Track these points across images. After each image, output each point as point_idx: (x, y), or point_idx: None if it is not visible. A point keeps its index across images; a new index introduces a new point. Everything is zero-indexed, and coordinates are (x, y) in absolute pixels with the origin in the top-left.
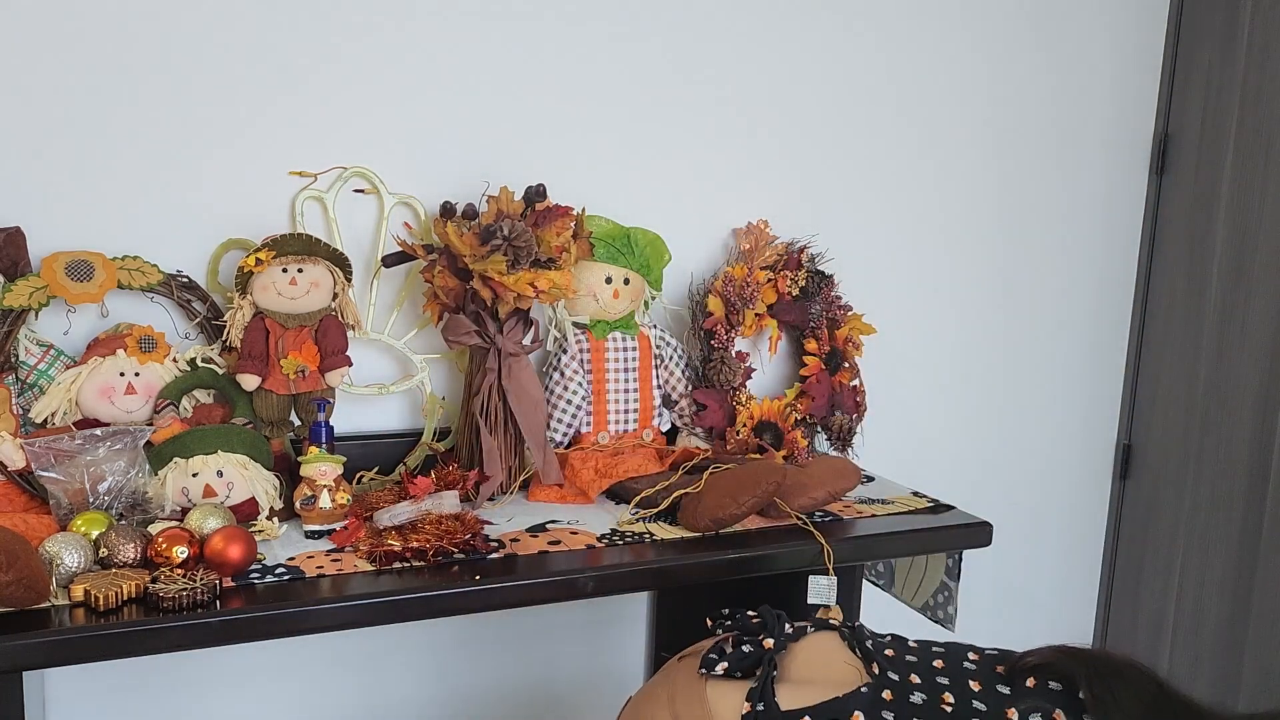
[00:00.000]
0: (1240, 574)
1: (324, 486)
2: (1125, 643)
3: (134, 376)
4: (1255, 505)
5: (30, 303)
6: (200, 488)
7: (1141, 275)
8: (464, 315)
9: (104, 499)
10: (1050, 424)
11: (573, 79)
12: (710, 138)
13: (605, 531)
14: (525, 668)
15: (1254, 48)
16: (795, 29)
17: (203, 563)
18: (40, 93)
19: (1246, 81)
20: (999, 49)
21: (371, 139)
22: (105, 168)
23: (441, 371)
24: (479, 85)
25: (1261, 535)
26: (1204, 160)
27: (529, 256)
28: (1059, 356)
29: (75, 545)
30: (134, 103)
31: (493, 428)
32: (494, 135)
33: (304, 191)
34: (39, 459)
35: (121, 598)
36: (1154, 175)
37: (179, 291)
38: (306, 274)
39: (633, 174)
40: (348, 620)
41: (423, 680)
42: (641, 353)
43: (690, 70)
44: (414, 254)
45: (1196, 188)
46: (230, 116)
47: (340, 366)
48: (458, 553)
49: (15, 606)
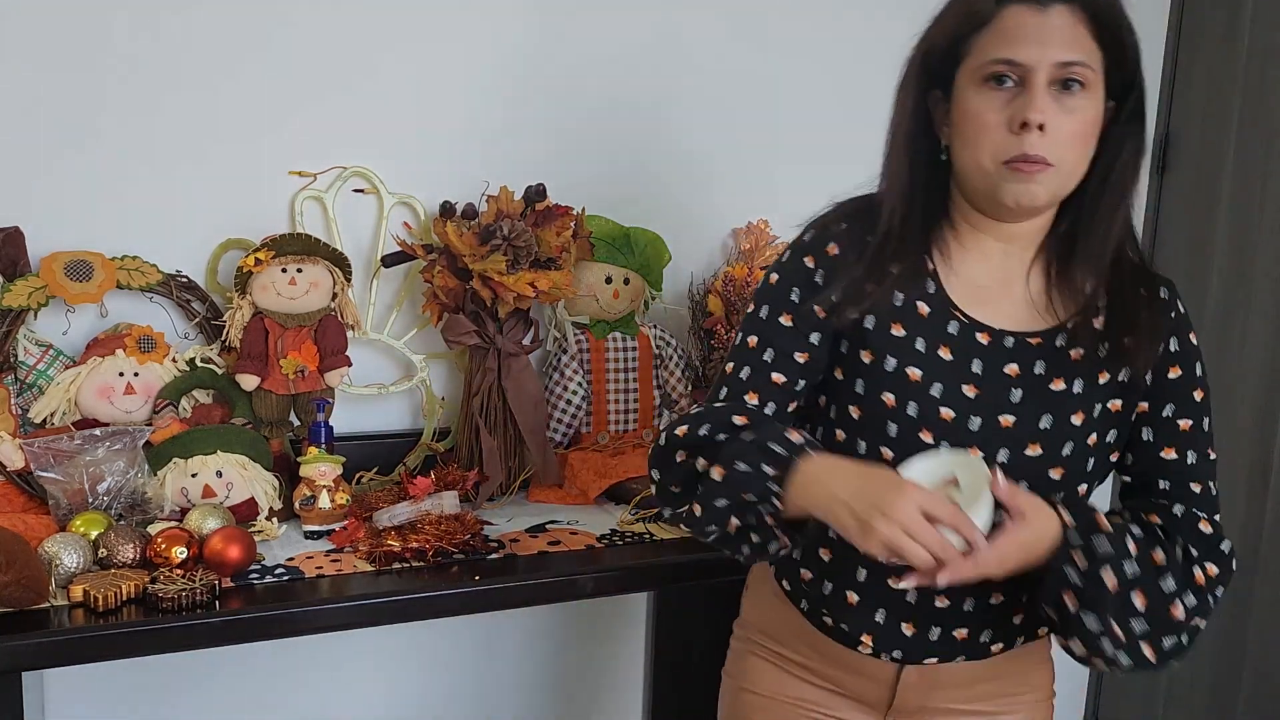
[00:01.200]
0: (1241, 574)
1: (323, 487)
2: None
3: (133, 376)
4: (1255, 505)
5: (29, 303)
6: (199, 488)
7: None
8: (464, 315)
9: (103, 499)
10: None
11: (572, 78)
12: (710, 137)
13: (605, 532)
14: (525, 668)
15: (1254, 48)
16: (789, 29)
17: (202, 563)
18: (40, 93)
19: (1246, 81)
20: None
21: (371, 139)
22: (105, 168)
23: (441, 371)
24: (478, 85)
25: (1262, 535)
26: (1204, 160)
27: (529, 256)
28: None
29: (74, 545)
30: (133, 103)
31: (492, 428)
32: (494, 135)
33: (304, 191)
34: (38, 459)
35: (121, 598)
36: (1154, 175)
37: (178, 291)
38: (306, 274)
39: (633, 173)
40: (347, 621)
41: (423, 680)
42: (641, 353)
43: (691, 69)
44: (414, 254)
45: (1196, 187)
46: (230, 117)
47: (340, 366)
48: (457, 553)
49: (15, 607)
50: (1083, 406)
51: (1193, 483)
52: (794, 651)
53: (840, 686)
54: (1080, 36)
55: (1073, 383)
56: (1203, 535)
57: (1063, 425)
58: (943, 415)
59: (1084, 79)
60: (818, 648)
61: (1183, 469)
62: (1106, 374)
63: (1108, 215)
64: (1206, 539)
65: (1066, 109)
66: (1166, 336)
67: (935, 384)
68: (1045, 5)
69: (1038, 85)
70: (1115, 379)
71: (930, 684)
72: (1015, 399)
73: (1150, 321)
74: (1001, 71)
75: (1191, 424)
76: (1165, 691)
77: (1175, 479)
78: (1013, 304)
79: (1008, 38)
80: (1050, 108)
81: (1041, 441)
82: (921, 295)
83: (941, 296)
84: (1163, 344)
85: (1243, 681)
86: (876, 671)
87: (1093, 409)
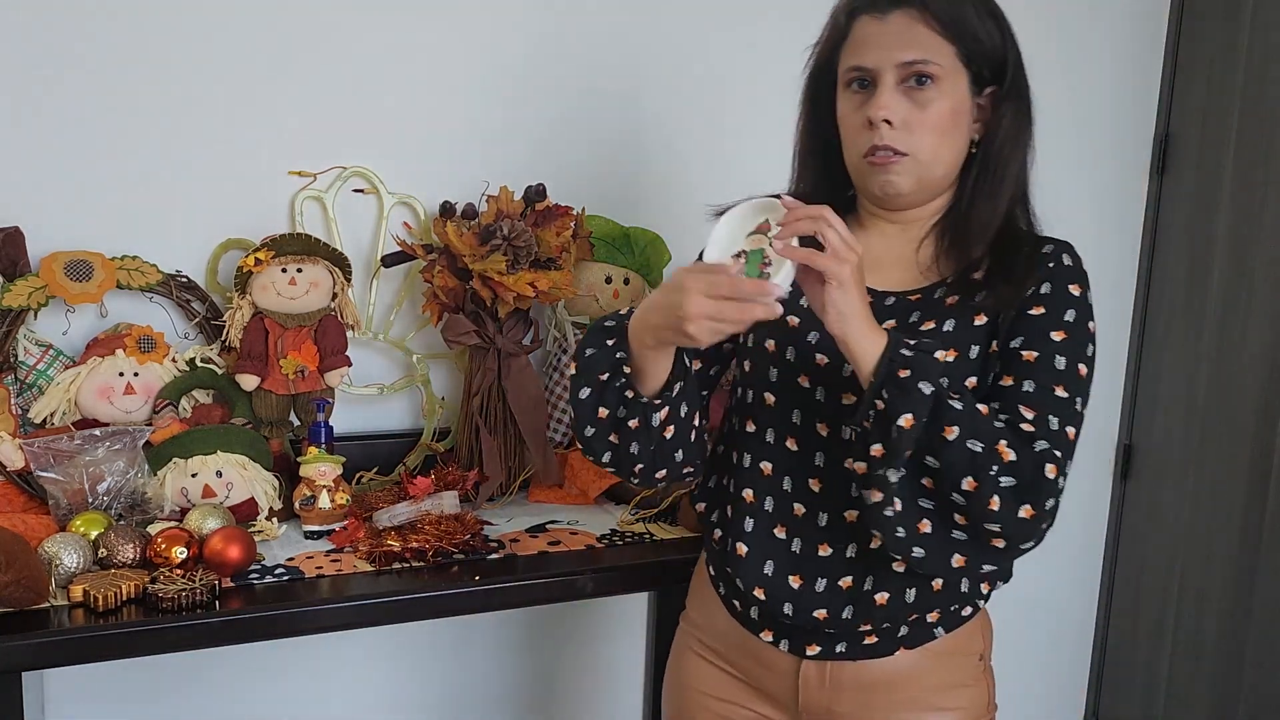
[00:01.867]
0: (1240, 574)
1: (323, 487)
2: (1125, 643)
3: (133, 376)
4: (1256, 505)
5: (29, 303)
6: (199, 488)
7: (1141, 275)
8: (464, 315)
9: (103, 499)
10: None
11: (572, 79)
12: (711, 137)
13: (605, 532)
14: (525, 668)
15: (1254, 48)
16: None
17: (202, 563)
18: (40, 94)
19: (1246, 81)
20: None
21: (371, 139)
22: (105, 168)
23: (441, 371)
24: (479, 85)
25: (1262, 536)
26: (1204, 160)
27: (529, 256)
28: None
29: (74, 545)
30: (133, 103)
31: (492, 428)
32: (494, 135)
33: (303, 191)
34: (38, 459)
35: (120, 598)
36: (1154, 175)
37: (178, 291)
38: (306, 274)
39: (633, 174)
40: (347, 621)
41: (422, 680)
42: None
43: (693, 70)
44: (414, 254)
45: (1196, 188)
46: (230, 116)
47: (340, 366)
48: (457, 553)
49: (15, 607)
50: (953, 344)
51: (1023, 407)
52: (719, 643)
53: (757, 682)
54: (921, 35)
55: (944, 323)
56: (1022, 430)
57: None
58: (818, 360)
59: (932, 74)
60: (731, 638)
61: (1015, 394)
62: (983, 317)
63: (991, 189)
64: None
65: (919, 103)
66: (1040, 281)
67: (812, 331)
68: (885, 13)
69: (884, 85)
70: (992, 322)
71: (834, 685)
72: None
73: (1026, 269)
74: (854, 77)
75: (1038, 355)
76: (1165, 691)
77: (1006, 403)
78: (902, 271)
79: (857, 47)
80: (900, 104)
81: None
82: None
83: None
84: (1033, 286)
85: (1243, 681)
86: (779, 663)
87: (967, 349)
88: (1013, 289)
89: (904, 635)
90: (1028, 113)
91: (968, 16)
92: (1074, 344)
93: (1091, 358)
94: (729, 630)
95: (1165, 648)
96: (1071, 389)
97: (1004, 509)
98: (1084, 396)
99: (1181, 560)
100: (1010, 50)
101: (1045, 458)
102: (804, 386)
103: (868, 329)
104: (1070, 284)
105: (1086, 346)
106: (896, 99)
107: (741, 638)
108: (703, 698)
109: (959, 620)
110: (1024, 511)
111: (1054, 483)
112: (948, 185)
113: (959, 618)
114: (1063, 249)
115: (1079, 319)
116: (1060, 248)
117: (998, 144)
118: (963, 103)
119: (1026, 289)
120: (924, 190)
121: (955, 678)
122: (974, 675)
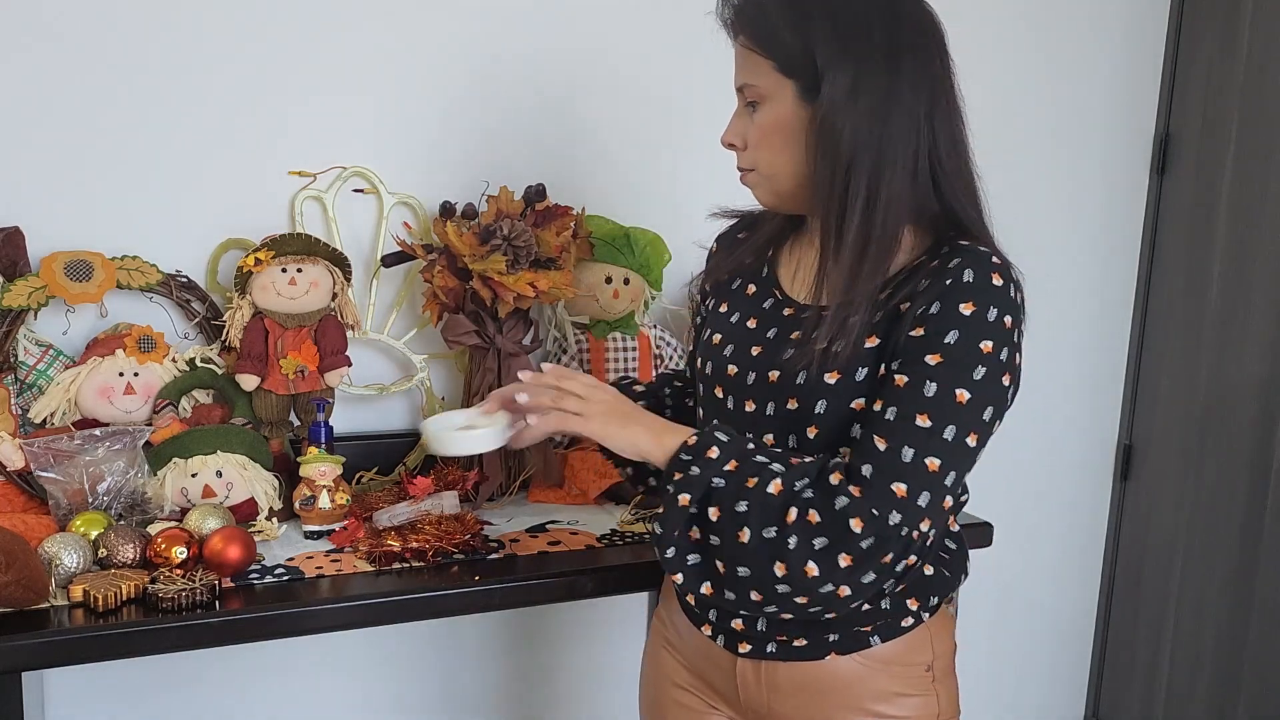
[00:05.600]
0: (1240, 574)
1: (323, 487)
2: (1125, 643)
3: (133, 376)
4: (1256, 505)
5: (29, 303)
6: (199, 488)
7: (1141, 275)
8: (464, 315)
9: (103, 499)
10: (1051, 424)
11: (573, 79)
12: (711, 137)
13: (605, 532)
14: (525, 668)
15: (1254, 47)
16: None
17: (202, 563)
18: (40, 94)
19: (1246, 81)
20: (999, 49)
21: (371, 139)
22: (105, 168)
23: (441, 371)
24: (479, 86)
25: (1262, 535)
26: (1204, 160)
27: (529, 256)
28: (1059, 356)
29: (74, 545)
30: (133, 103)
31: None
32: (493, 135)
33: (303, 191)
34: (38, 459)
35: (120, 598)
36: (1154, 175)
37: (178, 291)
38: (306, 274)
39: (634, 173)
40: (347, 621)
41: (422, 680)
42: (641, 353)
43: (693, 70)
44: (414, 254)
45: (1196, 188)
46: (230, 116)
47: (340, 366)
48: (457, 553)
49: (14, 607)
50: (839, 367)
51: (877, 437)
52: (677, 637)
53: (707, 677)
54: (747, 60)
55: (835, 343)
56: (829, 485)
57: (815, 383)
58: (729, 371)
59: (755, 96)
60: (684, 632)
61: (876, 421)
62: (875, 339)
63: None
64: (831, 489)
65: (755, 123)
66: (930, 300)
67: (729, 345)
68: (734, 40)
69: (735, 111)
70: (885, 344)
71: (770, 685)
72: (785, 356)
73: (927, 289)
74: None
75: (907, 380)
76: (1165, 691)
77: (865, 429)
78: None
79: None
80: (741, 125)
81: (797, 396)
82: (754, 279)
83: (770, 278)
84: (923, 305)
85: (1243, 681)
86: (720, 660)
87: (854, 371)
88: (910, 311)
89: (835, 641)
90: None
91: (775, 28)
92: (952, 368)
93: (984, 380)
94: (682, 624)
95: (1165, 648)
96: (940, 417)
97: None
98: (962, 424)
99: (1181, 560)
100: (824, 47)
101: (850, 512)
102: (718, 397)
103: (646, 436)
104: (963, 302)
105: (973, 370)
106: (741, 122)
107: (690, 632)
108: (670, 687)
109: (898, 630)
110: (843, 561)
111: (859, 536)
112: (827, 195)
113: (897, 628)
114: (969, 263)
115: (964, 340)
116: (967, 261)
117: (843, 149)
118: (787, 114)
119: (917, 308)
120: (788, 201)
121: (897, 686)
122: (920, 685)
